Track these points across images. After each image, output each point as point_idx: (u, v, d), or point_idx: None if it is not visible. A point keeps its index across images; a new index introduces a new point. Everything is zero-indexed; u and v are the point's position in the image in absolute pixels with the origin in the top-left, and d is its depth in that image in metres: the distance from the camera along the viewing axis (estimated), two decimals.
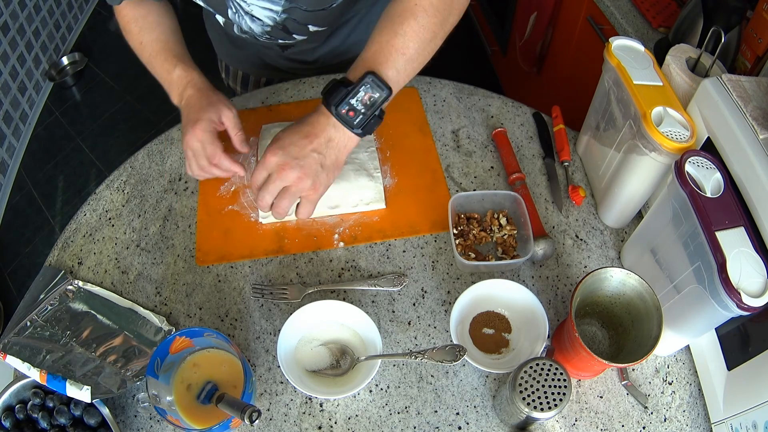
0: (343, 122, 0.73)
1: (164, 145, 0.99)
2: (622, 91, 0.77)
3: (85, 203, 0.93)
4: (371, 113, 0.73)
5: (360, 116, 0.73)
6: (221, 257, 0.86)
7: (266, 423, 0.72)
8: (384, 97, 0.72)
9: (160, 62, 0.87)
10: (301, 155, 0.73)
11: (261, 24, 0.89)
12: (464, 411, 0.73)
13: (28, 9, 2.34)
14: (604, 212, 0.87)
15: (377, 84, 0.71)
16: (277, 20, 0.88)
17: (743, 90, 0.68)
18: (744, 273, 0.57)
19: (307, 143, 0.73)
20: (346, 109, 0.72)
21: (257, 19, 0.88)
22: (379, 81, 0.71)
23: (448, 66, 1.36)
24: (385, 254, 0.85)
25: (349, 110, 0.72)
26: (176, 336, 0.67)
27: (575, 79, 1.57)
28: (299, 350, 0.74)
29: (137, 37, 0.88)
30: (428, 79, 1.07)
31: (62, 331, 0.77)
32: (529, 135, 0.99)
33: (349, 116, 0.72)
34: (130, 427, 0.72)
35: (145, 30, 0.87)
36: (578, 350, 0.65)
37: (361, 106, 0.72)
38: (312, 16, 0.89)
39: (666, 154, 0.70)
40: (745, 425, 0.63)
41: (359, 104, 0.72)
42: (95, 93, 2.55)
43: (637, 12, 1.23)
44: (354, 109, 0.72)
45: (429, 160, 0.95)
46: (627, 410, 0.73)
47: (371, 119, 0.74)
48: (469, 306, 0.77)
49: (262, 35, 0.92)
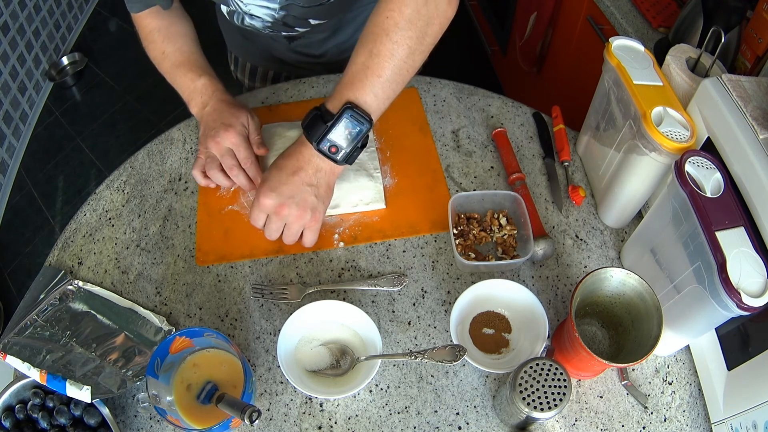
0: (327, 157, 0.73)
1: (164, 145, 0.99)
2: (622, 91, 0.77)
3: (85, 203, 0.93)
4: (354, 146, 0.73)
5: (342, 151, 0.73)
6: (221, 257, 0.86)
7: (266, 423, 0.72)
8: (364, 130, 0.71)
9: (183, 72, 0.88)
10: (295, 192, 0.74)
11: (261, 20, 0.90)
12: (464, 411, 0.73)
13: (28, 9, 2.35)
14: (604, 212, 0.87)
15: (356, 118, 0.70)
16: (276, 17, 0.89)
17: (743, 90, 0.68)
18: (744, 273, 0.57)
19: (297, 180, 0.74)
20: (327, 146, 0.72)
21: (256, 17, 0.88)
22: (358, 114, 0.70)
23: (448, 66, 1.37)
24: (385, 254, 0.85)
25: (330, 146, 0.72)
26: (176, 336, 0.67)
27: (575, 79, 1.57)
28: (299, 350, 0.75)
29: (160, 46, 0.89)
30: (428, 79, 1.07)
31: (62, 331, 0.77)
32: (529, 135, 0.99)
33: (332, 152, 0.72)
34: (130, 427, 0.72)
35: (169, 40, 0.89)
36: (578, 350, 0.65)
37: (343, 141, 0.72)
38: (310, 11, 0.89)
39: (666, 154, 0.70)
40: (745, 425, 0.63)
41: (340, 140, 0.72)
42: (95, 93, 2.55)
43: (637, 12, 1.23)
44: (335, 145, 0.72)
45: (429, 160, 0.95)
46: (627, 410, 0.73)
47: (355, 152, 0.74)
48: (469, 306, 0.77)
49: (264, 29, 0.93)
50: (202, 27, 0.98)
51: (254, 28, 0.94)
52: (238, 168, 0.84)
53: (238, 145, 0.83)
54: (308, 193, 0.74)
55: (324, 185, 0.76)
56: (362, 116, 0.70)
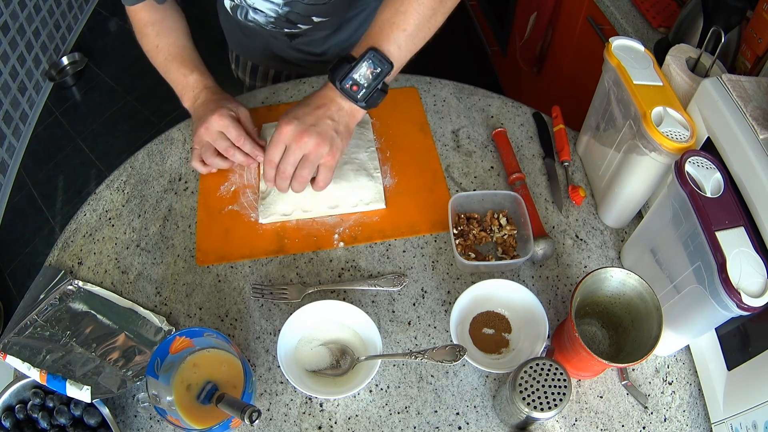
0: (348, 96, 0.76)
1: (164, 145, 0.99)
2: (622, 91, 0.77)
3: (85, 203, 0.93)
4: (374, 87, 0.76)
5: (363, 90, 0.76)
6: (221, 257, 0.86)
7: (266, 423, 0.72)
8: (386, 71, 0.75)
9: (176, 66, 0.90)
10: (317, 122, 0.76)
11: (264, 15, 0.91)
12: (464, 411, 0.73)
13: (28, 9, 2.34)
14: (604, 212, 0.87)
15: (378, 59, 0.74)
16: (280, 13, 0.90)
17: (743, 90, 0.68)
18: (744, 273, 0.57)
19: (320, 113, 0.76)
20: (349, 84, 0.75)
21: (260, 11, 0.89)
22: (381, 56, 0.74)
23: (448, 66, 1.37)
24: (385, 254, 0.85)
25: (352, 85, 0.75)
26: (176, 336, 0.67)
27: (575, 79, 1.57)
28: (299, 350, 0.74)
29: (154, 40, 0.91)
30: (428, 79, 1.07)
31: (62, 331, 0.77)
32: (529, 135, 0.99)
33: (353, 90, 0.75)
34: (130, 427, 0.72)
35: (162, 34, 0.90)
36: (578, 350, 0.65)
37: (364, 80, 0.75)
38: (314, 8, 0.90)
39: (666, 154, 0.70)
40: (745, 425, 0.63)
41: (362, 78, 0.75)
42: (95, 93, 2.55)
43: (637, 12, 1.23)
44: (357, 84, 0.75)
45: (429, 160, 0.95)
46: (627, 410, 0.73)
47: (374, 92, 0.76)
48: (469, 306, 0.77)
49: (267, 24, 0.94)
50: (204, 26, 0.99)
51: (257, 23, 0.95)
52: (233, 147, 0.86)
53: (227, 126, 0.84)
54: (329, 126, 0.76)
55: (344, 124, 0.78)
56: (384, 59, 0.74)
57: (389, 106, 1.02)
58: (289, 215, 0.88)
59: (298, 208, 0.88)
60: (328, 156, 0.77)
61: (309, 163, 0.77)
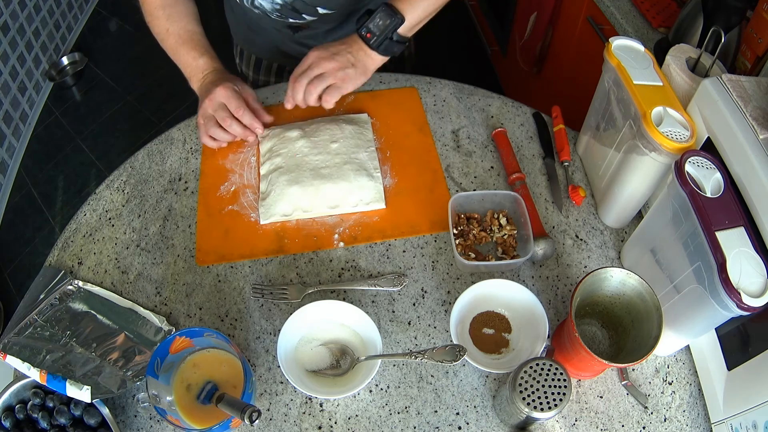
0: (365, 42, 0.89)
1: (164, 145, 0.99)
2: (622, 91, 0.77)
3: (85, 203, 0.93)
4: (384, 36, 0.88)
5: (375, 38, 0.88)
6: (221, 257, 0.86)
7: (266, 423, 0.72)
8: (396, 23, 0.87)
9: (186, 50, 0.95)
10: (340, 52, 0.88)
11: (271, 2, 0.92)
12: (464, 411, 0.73)
13: (28, 9, 2.34)
14: (604, 212, 0.87)
15: (391, 12, 0.87)
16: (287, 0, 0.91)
17: (743, 90, 0.68)
18: (744, 273, 0.57)
19: (343, 47, 0.89)
20: (364, 32, 0.88)
21: None
22: (392, 10, 0.87)
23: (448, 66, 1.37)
24: (385, 254, 0.85)
25: (366, 32, 0.88)
26: (176, 336, 0.67)
27: (575, 79, 1.57)
28: (299, 350, 0.74)
29: (164, 23, 0.95)
30: (428, 79, 1.07)
31: (62, 331, 0.77)
32: (529, 135, 0.99)
33: (367, 38, 0.88)
34: (130, 427, 0.72)
35: (173, 18, 0.94)
36: (578, 350, 0.65)
37: (377, 30, 0.88)
38: None
39: (666, 154, 0.70)
40: (745, 425, 0.63)
41: (375, 28, 0.88)
42: (95, 93, 2.55)
43: (637, 12, 1.23)
44: (371, 32, 0.88)
45: (429, 160, 0.95)
46: (627, 410, 0.73)
47: (385, 41, 0.88)
48: (469, 306, 0.77)
49: (272, 12, 0.95)
50: (206, 25, 0.99)
51: (263, 10, 0.97)
52: (231, 118, 0.90)
53: (228, 98, 0.89)
54: (348, 58, 0.88)
55: (362, 63, 0.89)
56: (396, 13, 0.87)
57: (389, 106, 1.02)
58: (289, 215, 0.88)
59: (298, 208, 0.88)
60: (341, 79, 0.88)
61: (322, 81, 0.87)
